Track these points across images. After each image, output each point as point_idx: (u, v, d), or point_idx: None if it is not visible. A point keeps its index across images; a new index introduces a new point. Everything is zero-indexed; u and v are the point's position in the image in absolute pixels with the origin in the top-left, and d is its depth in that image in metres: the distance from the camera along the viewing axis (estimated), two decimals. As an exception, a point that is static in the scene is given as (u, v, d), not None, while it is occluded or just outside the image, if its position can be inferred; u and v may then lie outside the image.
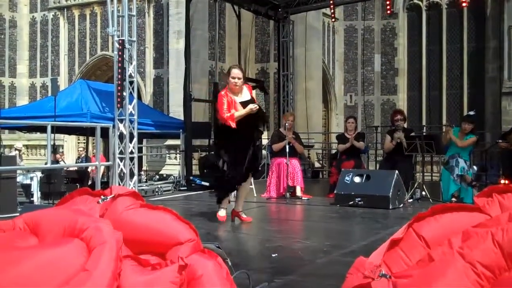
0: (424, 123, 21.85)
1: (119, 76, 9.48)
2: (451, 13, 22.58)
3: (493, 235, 2.04)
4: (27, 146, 23.36)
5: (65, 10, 23.44)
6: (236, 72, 6.59)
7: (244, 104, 6.53)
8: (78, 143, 22.40)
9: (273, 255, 4.83)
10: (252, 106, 6.46)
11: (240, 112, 6.48)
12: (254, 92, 6.67)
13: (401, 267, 2.39)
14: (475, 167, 9.48)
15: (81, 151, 19.29)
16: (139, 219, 2.89)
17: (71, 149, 22.81)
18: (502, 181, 8.60)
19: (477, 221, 2.32)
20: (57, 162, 14.30)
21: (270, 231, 6.36)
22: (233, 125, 6.40)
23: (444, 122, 21.08)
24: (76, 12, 23.25)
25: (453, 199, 8.55)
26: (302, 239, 5.86)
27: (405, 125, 9.89)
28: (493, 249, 2.03)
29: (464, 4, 12.77)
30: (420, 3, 23.11)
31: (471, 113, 9.59)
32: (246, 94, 6.65)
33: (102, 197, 3.07)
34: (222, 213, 6.78)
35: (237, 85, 6.52)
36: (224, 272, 2.73)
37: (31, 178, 12.18)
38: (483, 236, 2.07)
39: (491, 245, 2.04)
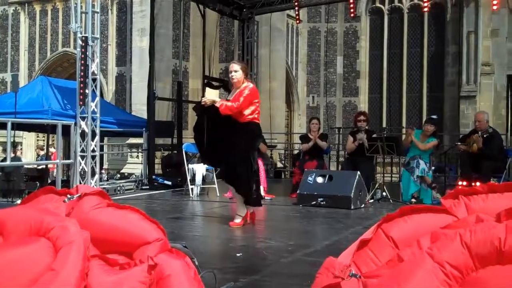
0: (384, 125, 22.12)
1: (82, 74, 9.35)
2: (413, 18, 22.96)
3: (461, 236, 2.09)
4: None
5: (26, 5, 22.99)
6: (230, 66, 6.46)
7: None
8: (37, 140, 21.98)
9: (238, 255, 4.83)
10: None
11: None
12: (247, 90, 6.22)
13: (371, 267, 2.42)
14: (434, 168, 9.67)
15: (38, 149, 18.96)
16: (106, 218, 2.86)
17: (29, 147, 22.38)
18: (460, 183, 8.79)
19: (445, 222, 2.36)
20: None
21: (234, 230, 6.35)
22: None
23: (404, 124, 21.42)
24: (37, 8, 22.81)
25: (413, 199, 8.69)
26: (265, 238, 5.87)
27: (367, 127, 10.04)
28: (461, 250, 2.07)
29: (425, 9, 12.99)
30: (382, 7, 23.41)
31: (434, 116, 9.79)
32: (235, 91, 6.37)
33: (68, 196, 3.02)
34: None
35: (233, 78, 6.32)
36: (192, 271, 2.72)
37: (-11, 176, 11.92)
38: (452, 237, 2.11)
39: (459, 246, 2.08)
